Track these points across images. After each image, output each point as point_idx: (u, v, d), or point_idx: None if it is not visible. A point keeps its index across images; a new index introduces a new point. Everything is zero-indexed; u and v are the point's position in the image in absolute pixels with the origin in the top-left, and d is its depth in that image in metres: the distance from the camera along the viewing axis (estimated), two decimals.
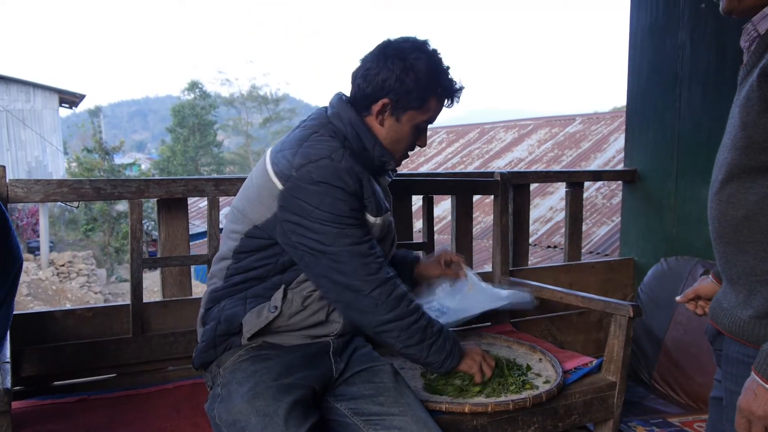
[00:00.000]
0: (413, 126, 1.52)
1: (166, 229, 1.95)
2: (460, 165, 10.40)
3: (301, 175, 1.38)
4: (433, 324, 1.50)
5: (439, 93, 1.50)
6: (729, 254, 1.19)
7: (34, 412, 1.62)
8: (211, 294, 1.53)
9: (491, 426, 1.62)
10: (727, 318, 1.21)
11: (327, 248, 1.38)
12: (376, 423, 1.41)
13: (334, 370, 1.52)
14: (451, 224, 2.47)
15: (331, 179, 1.38)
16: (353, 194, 1.40)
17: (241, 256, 1.49)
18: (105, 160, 16.68)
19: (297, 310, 1.47)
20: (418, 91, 1.46)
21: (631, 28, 2.94)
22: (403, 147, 1.56)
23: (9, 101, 15.06)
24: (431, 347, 1.49)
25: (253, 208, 1.46)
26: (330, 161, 1.39)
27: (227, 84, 45.47)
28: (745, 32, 1.18)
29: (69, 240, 16.62)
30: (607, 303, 1.93)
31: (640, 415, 2.32)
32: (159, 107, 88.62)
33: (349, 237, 1.39)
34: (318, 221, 1.38)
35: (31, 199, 1.72)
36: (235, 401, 1.37)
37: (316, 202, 1.37)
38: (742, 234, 1.15)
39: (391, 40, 1.50)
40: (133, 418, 1.61)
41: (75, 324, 1.81)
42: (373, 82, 1.46)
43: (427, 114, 1.51)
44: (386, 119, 1.50)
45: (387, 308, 1.41)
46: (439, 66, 1.49)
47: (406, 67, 1.44)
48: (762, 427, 1.06)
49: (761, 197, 1.11)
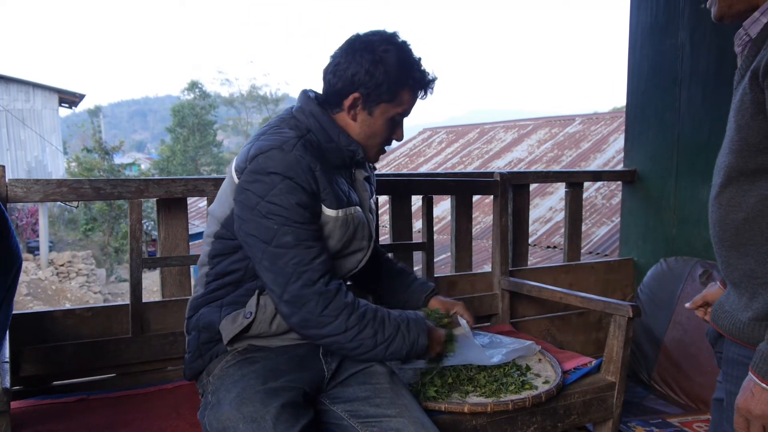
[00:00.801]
0: (387, 120, 1.49)
1: (165, 229, 1.95)
2: (460, 165, 10.40)
3: (252, 167, 1.36)
4: (384, 328, 1.40)
5: (411, 85, 1.47)
6: (730, 258, 1.19)
7: (33, 412, 1.61)
8: (192, 302, 1.54)
9: (490, 426, 1.62)
10: (727, 320, 1.22)
11: (266, 247, 1.34)
12: (373, 425, 1.40)
13: (325, 370, 1.50)
14: (451, 224, 2.47)
15: (281, 169, 1.34)
16: (303, 187, 1.36)
17: (215, 260, 1.49)
18: (105, 159, 16.67)
19: (272, 315, 1.45)
20: (388, 83, 1.43)
21: (631, 27, 2.94)
22: (378, 141, 1.53)
23: (9, 101, 15.06)
24: (386, 350, 1.41)
25: (219, 208, 1.47)
26: (280, 151, 1.36)
27: (227, 84, 45.63)
28: (737, 37, 1.19)
29: (68, 240, 16.62)
30: (607, 303, 1.93)
31: (639, 416, 2.32)
32: (159, 107, 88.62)
33: (289, 235, 1.33)
34: (261, 214, 1.34)
35: (31, 199, 1.72)
36: (223, 408, 1.35)
37: (262, 192, 1.34)
38: (743, 237, 1.16)
39: (360, 34, 1.48)
40: (132, 418, 1.61)
41: (74, 324, 1.81)
42: (342, 76, 1.44)
43: (400, 107, 1.49)
44: (359, 114, 1.48)
45: (322, 323, 1.35)
46: (410, 57, 1.46)
47: (375, 60, 1.42)
48: (759, 426, 1.07)
49: (760, 199, 1.12)
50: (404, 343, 1.42)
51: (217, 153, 27.09)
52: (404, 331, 1.42)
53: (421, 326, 1.46)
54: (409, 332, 1.43)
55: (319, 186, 1.39)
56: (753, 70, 1.09)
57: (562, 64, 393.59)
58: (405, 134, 1.65)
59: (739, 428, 1.12)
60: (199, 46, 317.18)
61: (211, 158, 26.33)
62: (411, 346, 1.43)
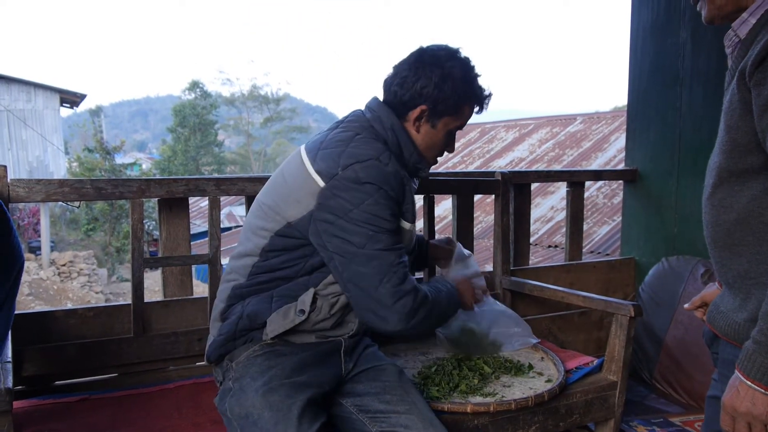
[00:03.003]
0: (447, 132, 1.55)
1: (167, 228, 1.96)
2: (461, 165, 10.40)
3: (347, 174, 1.38)
4: (440, 306, 1.53)
5: (473, 99, 1.54)
6: (724, 258, 1.20)
7: (35, 412, 1.62)
8: (234, 290, 1.51)
9: (492, 425, 1.62)
10: (723, 321, 1.22)
11: (358, 250, 1.37)
12: (382, 420, 1.42)
13: (343, 369, 1.53)
14: (452, 224, 2.47)
15: (378, 180, 1.38)
16: (395, 199, 1.42)
17: (269, 254, 1.48)
18: (106, 159, 16.66)
19: (323, 318, 1.47)
20: (454, 98, 1.49)
21: (632, 26, 2.94)
22: (435, 153, 1.59)
23: (10, 101, 15.08)
24: (443, 319, 1.61)
25: (289, 206, 1.45)
26: (378, 162, 1.40)
27: (228, 84, 45.70)
28: (727, 38, 1.19)
29: (70, 240, 16.65)
30: (608, 302, 1.93)
31: (641, 415, 2.32)
32: (160, 107, 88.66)
33: (381, 242, 1.38)
34: (354, 222, 1.37)
35: (33, 199, 1.72)
36: (248, 395, 1.37)
37: (357, 201, 1.37)
38: (735, 237, 1.16)
39: (426, 48, 1.53)
40: (134, 417, 1.61)
41: (76, 324, 1.81)
42: (411, 89, 1.49)
43: (460, 120, 1.55)
44: (422, 126, 1.52)
45: (407, 319, 1.40)
46: (473, 73, 1.53)
47: (444, 75, 1.47)
48: (745, 423, 1.08)
49: (751, 199, 1.12)
50: (450, 307, 1.60)
51: (218, 153, 27.11)
52: (445, 300, 1.56)
53: (453, 291, 1.63)
54: (449, 300, 1.59)
55: (405, 199, 1.47)
56: (740, 70, 1.10)
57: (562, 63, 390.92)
58: None
59: (725, 426, 1.12)
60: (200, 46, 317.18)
61: (213, 158, 26.34)
62: (455, 307, 1.64)
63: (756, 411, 1.05)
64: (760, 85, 1.05)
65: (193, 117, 25.63)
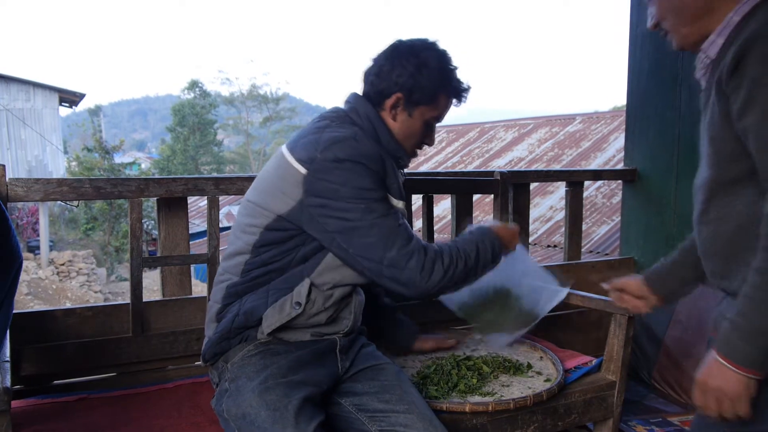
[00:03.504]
0: (424, 122, 1.56)
1: (166, 228, 1.95)
2: (460, 164, 10.40)
3: (326, 156, 1.40)
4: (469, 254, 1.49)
5: (449, 90, 1.55)
6: (726, 269, 1.20)
7: (34, 412, 1.62)
8: (229, 289, 1.51)
9: (491, 425, 1.62)
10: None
11: (357, 224, 1.39)
12: (381, 420, 1.42)
13: (339, 368, 1.53)
14: (451, 223, 2.47)
15: (356, 156, 1.41)
16: (377, 172, 1.44)
17: (260, 250, 1.48)
18: (105, 159, 16.65)
19: (318, 311, 1.47)
20: (430, 86, 1.51)
21: (632, 26, 2.94)
22: (413, 143, 1.60)
23: (9, 100, 15.06)
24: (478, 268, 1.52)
25: (276, 200, 1.46)
26: (354, 141, 1.43)
27: (227, 83, 45.38)
28: (698, 62, 1.24)
29: (69, 239, 16.63)
30: (607, 302, 1.93)
31: (640, 415, 2.32)
32: (159, 106, 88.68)
33: (376, 211, 1.40)
34: (345, 200, 1.39)
35: (31, 198, 1.72)
36: (244, 395, 1.37)
37: (342, 180, 1.39)
38: (737, 245, 1.17)
39: (403, 40, 1.56)
40: (133, 417, 1.61)
41: (75, 323, 1.81)
42: (386, 78, 1.51)
43: (436, 110, 1.56)
44: (399, 114, 1.54)
45: (426, 277, 1.41)
46: (449, 64, 1.54)
47: (419, 64, 1.49)
48: (714, 398, 1.13)
49: (746, 206, 1.14)
50: (487, 253, 1.53)
51: (217, 152, 27.10)
52: (481, 245, 1.52)
53: (489, 233, 1.57)
54: (485, 243, 1.54)
55: (386, 175, 1.48)
56: (717, 83, 1.13)
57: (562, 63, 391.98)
58: None
59: (697, 400, 1.17)
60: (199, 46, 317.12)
61: (212, 157, 26.34)
62: (492, 251, 1.54)
63: (726, 388, 1.10)
64: (737, 89, 1.08)
65: (193, 116, 25.62)
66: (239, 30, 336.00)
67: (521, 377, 1.79)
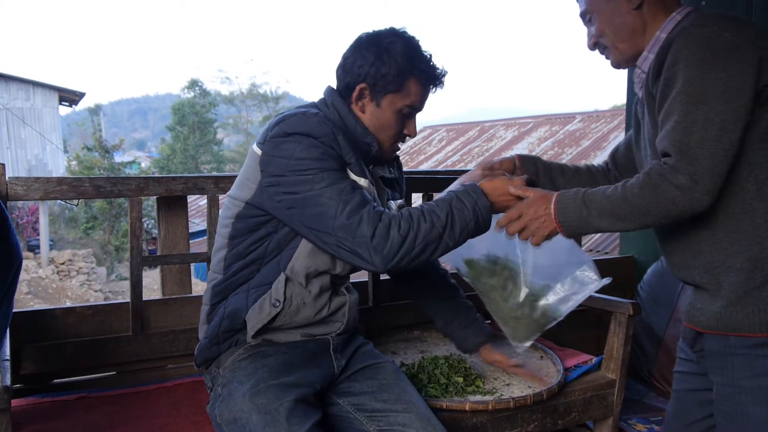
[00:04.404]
0: (395, 111, 1.50)
1: (165, 227, 1.95)
2: (460, 163, 10.41)
3: (274, 133, 1.40)
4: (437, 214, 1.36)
5: (417, 75, 1.48)
6: (684, 260, 1.32)
7: (33, 410, 1.62)
8: (214, 289, 1.52)
9: (491, 424, 1.62)
10: (703, 316, 1.30)
11: (306, 194, 1.35)
12: (380, 419, 1.42)
13: (335, 367, 1.52)
14: None
15: (302, 129, 1.37)
16: (327, 145, 1.38)
17: (235, 241, 1.49)
18: (105, 158, 16.65)
19: (298, 306, 1.46)
20: (394, 73, 1.45)
21: None
22: (389, 135, 1.54)
23: (9, 99, 15.06)
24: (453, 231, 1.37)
25: (244, 188, 1.47)
26: (302, 116, 1.40)
27: (227, 82, 45.41)
28: (636, 76, 1.39)
29: (69, 238, 16.61)
30: (607, 301, 1.93)
31: (640, 413, 2.32)
32: (159, 105, 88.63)
33: (324, 181, 1.35)
34: (293, 173, 1.36)
35: (31, 197, 1.72)
36: (236, 399, 1.37)
37: (288, 153, 1.37)
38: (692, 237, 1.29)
39: (368, 31, 1.53)
40: (133, 416, 1.61)
41: (75, 322, 1.81)
42: (350, 70, 1.49)
43: (408, 98, 1.49)
44: (367, 105, 1.50)
45: (380, 247, 1.32)
46: (416, 49, 1.49)
47: (381, 51, 1.46)
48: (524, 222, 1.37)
49: None
50: (465, 213, 1.37)
51: (217, 151, 27.06)
52: (457, 204, 1.38)
53: (472, 189, 1.41)
54: (463, 202, 1.38)
55: (342, 150, 1.42)
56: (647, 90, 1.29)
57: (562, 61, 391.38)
58: None
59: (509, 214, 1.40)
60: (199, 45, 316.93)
61: (212, 156, 26.30)
62: (474, 213, 1.38)
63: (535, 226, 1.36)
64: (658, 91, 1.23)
65: (192, 115, 25.58)
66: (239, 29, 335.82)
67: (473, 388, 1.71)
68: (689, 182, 1.16)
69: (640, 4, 1.31)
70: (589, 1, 1.38)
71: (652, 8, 1.32)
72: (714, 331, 1.28)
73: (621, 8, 1.33)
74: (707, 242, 1.26)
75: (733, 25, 1.20)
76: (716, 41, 1.17)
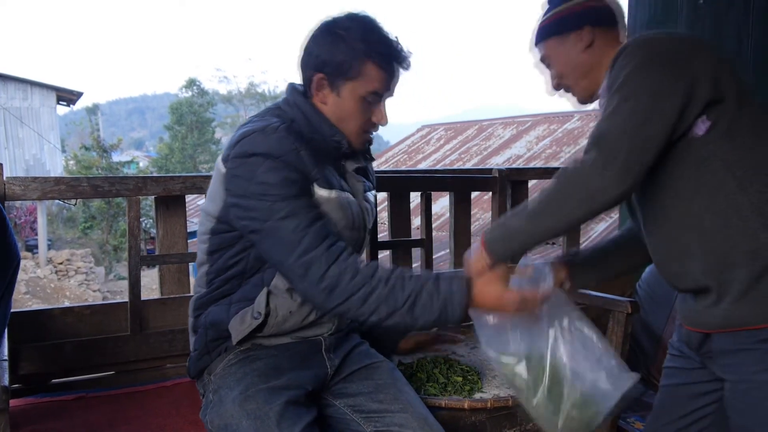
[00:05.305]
0: (358, 99, 1.40)
1: (164, 226, 1.95)
2: (459, 162, 10.40)
3: (236, 152, 1.34)
4: (403, 285, 1.29)
5: (375, 58, 1.38)
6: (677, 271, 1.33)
7: (32, 410, 1.62)
8: (197, 301, 1.50)
9: (490, 422, 1.62)
10: (709, 317, 1.30)
11: (263, 225, 1.31)
12: (376, 420, 1.41)
13: (328, 367, 1.50)
14: (450, 221, 2.47)
15: (263, 149, 1.31)
16: (287, 164, 1.31)
17: (214, 256, 1.45)
18: (103, 157, 16.64)
19: (285, 318, 1.43)
20: (349, 59, 1.37)
21: (629, 23, 2.93)
22: (354, 125, 1.44)
23: (6, 99, 15.03)
24: (412, 312, 1.28)
25: (213, 203, 1.43)
26: (261, 133, 1.33)
27: (225, 81, 45.41)
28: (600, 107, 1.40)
29: (67, 238, 16.60)
30: (605, 299, 1.93)
31: (638, 411, 2.32)
32: (157, 105, 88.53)
33: (281, 211, 1.29)
34: (254, 196, 1.31)
35: (28, 197, 1.72)
36: (226, 405, 1.35)
37: (248, 176, 1.31)
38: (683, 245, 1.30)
39: (326, 19, 1.44)
40: (131, 415, 1.61)
41: (73, 322, 1.81)
42: (307, 62, 1.42)
43: (369, 84, 1.39)
44: (327, 96, 1.42)
45: (327, 292, 1.28)
46: (373, 31, 1.40)
47: (335, 39, 1.38)
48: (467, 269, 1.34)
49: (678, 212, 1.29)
50: (433, 300, 1.28)
51: (215, 151, 26.99)
52: (430, 288, 1.28)
53: (458, 281, 1.30)
54: (439, 289, 1.29)
55: (306, 165, 1.35)
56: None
57: None
58: (403, 131, 1.64)
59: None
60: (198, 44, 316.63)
61: (210, 156, 26.24)
62: (443, 303, 1.28)
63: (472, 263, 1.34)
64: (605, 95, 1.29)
65: (190, 115, 25.55)
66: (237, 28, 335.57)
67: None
68: (601, 159, 1.18)
69: (591, 43, 1.41)
70: (545, 48, 1.48)
71: (602, 44, 1.42)
72: (723, 329, 1.29)
73: (574, 49, 1.42)
74: (700, 245, 1.27)
75: (673, 40, 1.28)
76: (656, 50, 1.25)
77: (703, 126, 1.23)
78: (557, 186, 1.24)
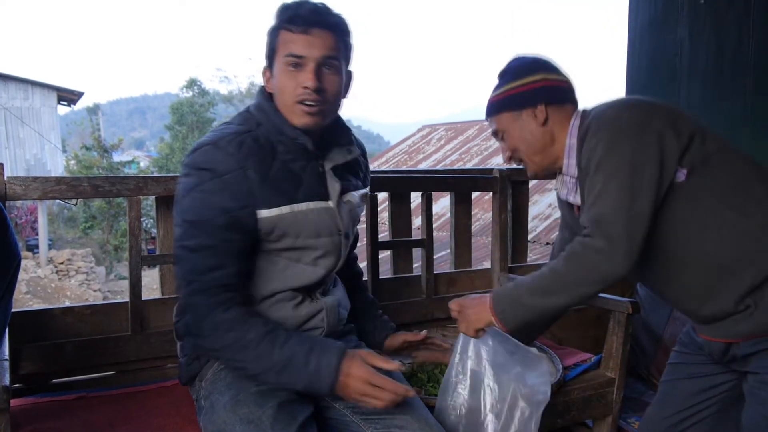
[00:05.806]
0: (283, 70, 1.36)
1: (164, 226, 1.95)
2: (459, 162, 10.40)
3: (187, 161, 1.34)
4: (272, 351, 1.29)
5: (284, 23, 1.35)
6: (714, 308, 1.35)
7: (32, 410, 1.61)
8: (179, 307, 1.48)
9: None
10: (740, 326, 1.32)
11: (174, 245, 1.33)
12: (377, 422, 1.40)
13: None
14: (450, 221, 2.47)
15: (205, 165, 1.29)
16: (231, 188, 1.29)
17: None
18: (104, 157, 16.64)
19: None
20: (271, 39, 1.38)
21: (630, 23, 2.94)
22: (288, 96, 1.36)
23: (7, 99, 15.04)
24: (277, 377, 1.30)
25: None
26: (213, 147, 1.31)
27: (226, 81, 45.59)
28: (563, 186, 1.51)
29: (68, 238, 16.60)
30: (606, 299, 1.93)
31: (639, 411, 2.32)
32: (158, 105, 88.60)
33: (193, 239, 1.29)
34: (179, 212, 1.32)
35: (29, 197, 1.72)
36: (218, 412, 1.35)
37: (188, 187, 1.31)
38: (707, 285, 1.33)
39: None
40: (132, 415, 1.61)
41: (74, 321, 1.81)
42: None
43: (285, 48, 1.35)
44: (270, 81, 1.42)
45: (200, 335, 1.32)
46: (286, 7, 1.37)
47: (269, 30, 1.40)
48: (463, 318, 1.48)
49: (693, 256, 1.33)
50: (299, 373, 1.29)
51: None
52: (301, 358, 1.29)
53: (331, 356, 1.29)
54: (308, 361, 1.29)
55: (251, 186, 1.32)
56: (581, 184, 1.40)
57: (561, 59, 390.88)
58: (403, 131, 1.63)
59: (452, 304, 1.51)
60: (198, 44, 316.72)
61: None
62: (309, 378, 1.29)
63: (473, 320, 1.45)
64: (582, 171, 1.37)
65: (191, 115, 25.54)
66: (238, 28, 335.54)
67: None
68: (607, 245, 1.25)
69: (546, 120, 1.46)
70: (499, 122, 1.52)
71: (557, 120, 1.46)
72: (754, 335, 1.32)
73: (529, 126, 1.47)
74: (725, 280, 1.30)
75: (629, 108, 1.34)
76: (617, 125, 1.30)
77: (682, 174, 1.29)
78: (569, 269, 1.31)
